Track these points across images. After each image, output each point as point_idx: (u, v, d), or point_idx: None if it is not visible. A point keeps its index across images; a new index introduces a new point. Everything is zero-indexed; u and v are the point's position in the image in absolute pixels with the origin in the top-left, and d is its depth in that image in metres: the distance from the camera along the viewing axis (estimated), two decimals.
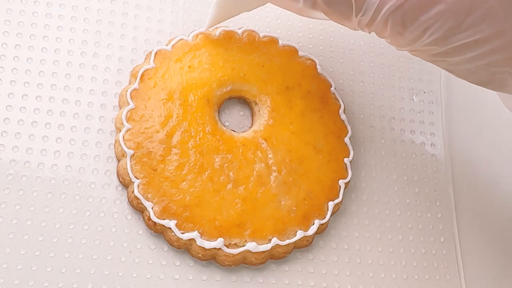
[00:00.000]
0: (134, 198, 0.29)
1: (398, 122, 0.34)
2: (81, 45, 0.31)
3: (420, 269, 0.32)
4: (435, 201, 0.34)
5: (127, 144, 0.29)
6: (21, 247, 0.27)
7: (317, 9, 0.24)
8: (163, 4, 0.33)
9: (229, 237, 0.28)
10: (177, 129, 0.29)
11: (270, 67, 0.32)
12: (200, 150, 0.29)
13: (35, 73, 0.30)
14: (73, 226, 0.28)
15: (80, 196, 0.29)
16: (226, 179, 0.29)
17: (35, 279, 0.27)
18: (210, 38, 0.32)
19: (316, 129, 0.31)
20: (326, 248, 0.31)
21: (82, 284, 0.27)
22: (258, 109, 0.32)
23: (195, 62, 0.31)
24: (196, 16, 0.33)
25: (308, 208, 0.30)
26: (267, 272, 0.30)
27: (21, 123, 0.29)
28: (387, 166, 0.33)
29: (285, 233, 0.29)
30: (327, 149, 0.31)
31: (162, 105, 0.30)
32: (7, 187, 0.28)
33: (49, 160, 0.29)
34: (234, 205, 0.29)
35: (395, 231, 0.32)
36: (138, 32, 0.32)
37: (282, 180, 0.30)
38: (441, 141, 0.35)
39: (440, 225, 0.33)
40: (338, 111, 0.32)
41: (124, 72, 0.31)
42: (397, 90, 0.35)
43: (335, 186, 0.31)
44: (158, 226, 0.28)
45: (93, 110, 0.30)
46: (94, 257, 0.28)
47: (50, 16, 0.31)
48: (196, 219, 0.28)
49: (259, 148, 0.30)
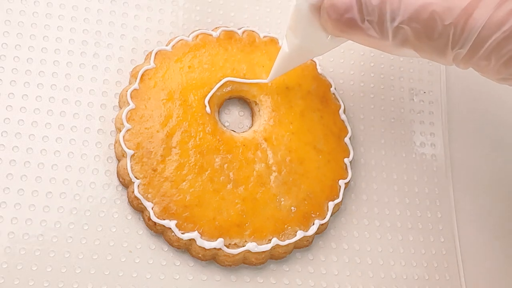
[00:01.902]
0: (134, 198, 0.29)
1: (398, 122, 0.34)
2: (81, 45, 0.31)
3: (420, 269, 0.32)
4: (435, 201, 0.34)
5: (127, 144, 0.29)
6: (21, 247, 0.27)
7: (407, 46, 0.23)
8: (163, 4, 0.33)
9: (229, 237, 0.28)
10: (177, 129, 0.29)
11: (270, 67, 0.31)
12: (200, 150, 0.29)
13: (35, 73, 0.30)
14: (73, 226, 0.28)
15: (80, 196, 0.29)
16: (226, 179, 0.29)
17: (35, 279, 0.27)
18: (210, 38, 0.32)
19: (316, 129, 0.31)
20: (326, 248, 0.31)
21: (82, 284, 0.27)
22: (258, 109, 0.32)
23: (195, 62, 0.31)
24: (196, 16, 0.33)
25: (308, 208, 0.30)
26: (267, 272, 0.30)
27: (21, 123, 0.29)
28: (387, 166, 0.33)
29: (285, 233, 0.29)
30: (327, 149, 0.31)
31: (162, 105, 0.30)
32: (7, 187, 0.28)
33: (49, 160, 0.29)
34: (234, 205, 0.29)
35: (394, 231, 0.32)
36: (138, 32, 0.32)
37: (282, 180, 0.30)
38: (441, 141, 0.35)
39: (440, 225, 0.33)
40: (338, 111, 0.32)
41: (124, 72, 0.31)
42: (397, 90, 0.35)
43: (335, 186, 0.31)
44: (158, 226, 0.28)
45: (93, 110, 0.30)
46: (94, 257, 0.28)
47: (50, 16, 0.31)
48: (196, 219, 0.28)
49: (259, 148, 0.30)
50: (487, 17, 0.21)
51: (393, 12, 0.22)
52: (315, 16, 0.25)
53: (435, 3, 0.21)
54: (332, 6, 0.24)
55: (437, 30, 0.22)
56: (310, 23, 0.26)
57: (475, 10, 0.21)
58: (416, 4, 0.22)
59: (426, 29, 0.22)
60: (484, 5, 0.21)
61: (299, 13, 0.26)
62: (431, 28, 0.22)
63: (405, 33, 0.22)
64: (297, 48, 0.28)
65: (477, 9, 0.21)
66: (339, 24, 0.24)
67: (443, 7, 0.21)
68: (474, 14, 0.21)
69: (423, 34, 0.22)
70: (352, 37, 0.24)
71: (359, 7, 0.23)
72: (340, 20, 0.24)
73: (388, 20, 0.22)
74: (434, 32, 0.22)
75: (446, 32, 0.21)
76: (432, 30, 0.22)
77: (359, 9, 0.23)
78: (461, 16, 0.21)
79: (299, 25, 0.26)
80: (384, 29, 0.23)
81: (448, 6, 0.21)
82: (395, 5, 0.22)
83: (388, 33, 0.23)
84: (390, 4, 0.22)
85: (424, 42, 0.22)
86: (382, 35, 0.23)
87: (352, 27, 0.24)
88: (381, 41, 0.24)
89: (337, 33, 0.25)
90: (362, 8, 0.23)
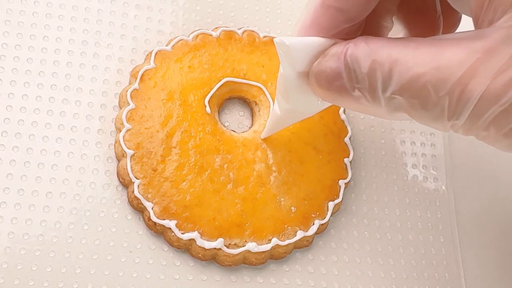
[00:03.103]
0: (134, 198, 0.29)
1: (398, 122, 0.34)
2: (81, 45, 0.31)
3: (420, 268, 0.32)
4: (435, 200, 0.34)
5: (127, 144, 0.29)
6: (21, 247, 0.27)
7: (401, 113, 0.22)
8: (163, 4, 0.33)
9: (229, 237, 0.28)
10: (177, 129, 0.29)
11: (270, 67, 0.32)
12: (200, 150, 0.29)
13: (35, 73, 0.30)
14: (73, 226, 0.28)
15: (80, 196, 0.29)
16: (226, 179, 0.29)
17: (35, 279, 0.27)
18: (210, 38, 0.32)
19: (316, 129, 0.31)
20: (326, 248, 0.31)
21: (82, 284, 0.27)
22: (258, 109, 0.32)
23: (195, 62, 0.31)
24: (196, 16, 0.33)
25: (308, 208, 0.30)
26: (267, 272, 0.30)
27: (21, 123, 0.29)
28: (387, 166, 0.33)
29: (285, 233, 0.29)
30: (327, 149, 0.31)
31: (162, 105, 0.30)
32: (7, 187, 0.28)
33: (49, 160, 0.29)
34: (234, 205, 0.29)
35: (394, 231, 0.32)
36: (138, 32, 0.32)
37: (282, 180, 0.30)
38: (441, 141, 0.35)
39: (439, 225, 0.33)
40: (338, 111, 0.32)
41: (124, 72, 0.31)
42: None
43: (335, 186, 0.31)
44: (158, 226, 0.28)
45: (93, 110, 0.30)
46: (94, 257, 0.28)
47: (50, 16, 0.31)
48: (196, 219, 0.28)
49: (259, 148, 0.30)
50: (484, 89, 0.19)
51: (385, 81, 0.21)
52: (304, 82, 0.24)
53: (429, 73, 0.20)
54: (320, 73, 0.22)
55: (431, 101, 0.20)
56: (299, 89, 0.24)
57: (470, 81, 0.19)
58: (408, 74, 0.20)
59: (420, 100, 0.21)
60: (480, 75, 0.19)
61: (287, 80, 0.24)
62: (425, 99, 0.20)
63: (399, 102, 0.21)
64: (289, 112, 0.27)
65: (473, 79, 0.19)
66: (328, 91, 0.23)
67: (437, 77, 0.20)
68: (469, 85, 0.19)
69: (417, 104, 0.21)
70: (343, 104, 0.23)
71: (348, 74, 0.22)
72: (329, 88, 0.22)
73: (380, 89, 0.21)
74: (428, 103, 0.20)
75: (441, 103, 0.20)
76: (426, 100, 0.20)
77: (348, 77, 0.22)
78: (456, 87, 0.20)
79: (289, 91, 0.25)
80: (376, 97, 0.22)
81: (442, 76, 0.20)
82: (385, 74, 0.21)
83: (380, 101, 0.22)
84: (381, 73, 0.21)
85: (419, 112, 0.21)
86: (374, 103, 0.22)
87: (342, 95, 0.22)
88: (374, 108, 0.22)
89: (328, 100, 0.23)
90: (351, 76, 0.22)
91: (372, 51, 0.21)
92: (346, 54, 0.22)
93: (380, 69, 0.21)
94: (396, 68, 0.20)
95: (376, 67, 0.21)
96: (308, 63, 0.23)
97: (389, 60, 0.21)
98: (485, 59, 0.19)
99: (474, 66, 0.19)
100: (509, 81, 0.19)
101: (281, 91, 0.26)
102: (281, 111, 0.27)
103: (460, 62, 0.20)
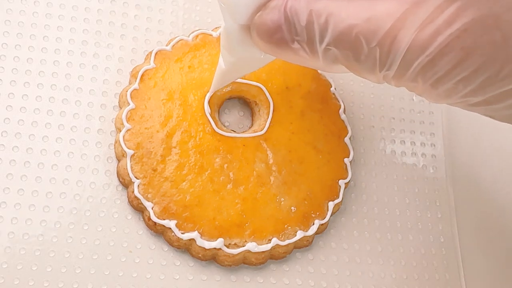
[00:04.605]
0: (134, 198, 0.29)
1: (398, 122, 0.34)
2: (81, 45, 0.31)
3: (420, 268, 0.32)
4: (435, 201, 0.34)
5: (127, 144, 0.29)
6: (21, 247, 0.27)
7: (338, 64, 0.22)
8: (163, 4, 0.33)
9: (229, 237, 0.28)
10: (177, 129, 0.29)
11: (270, 67, 0.31)
12: (200, 150, 0.29)
13: (35, 73, 0.30)
14: (73, 226, 0.28)
15: (80, 196, 0.29)
16: (226, 179, 0.29)
17: (35, 279, 0.27)
18: (210, 38, 0.32)
19: (316, 129, 0.31)
20: (326, 248, 0.31)
21: (82, 284, 0.27)
22: (258, 109, 0.32)
23: (195, 62, 0.31)
24: (196, 16, 0.33)
25: (308, 208, 0.30)
26: (267, 272, 0.30)
27: (21, 123, 0.29)
28: (387, 166, 0.33)
29: (285, 233, 0.29)
30: (327, 149, 0.31)
31: (162, 105, 0.30)
32: (7, 187, 0.28)
33: (49, 160, 0.29)
34: (234, 205, 0.29)
35: (394, 231, 0.32)
36: (138, 32, 0.32)
37: (282, 180, 0.30)
38: (441, 141, 0.35)
39: (439, 225, 0.33)
40: (338, 111, 0.32)
41: (124, 72, 0.31)
42: (397, 90, 0.35)
43: (335, 186, 0.31)
44: (158, 226, 0.28)
45: (93, 110, 0.30)
46: (94, 257, 0.28)
47: (50, 16, 0.31)
48: (196, 219, 0.28)
49: (259, 148, 0.30)
50: (411, 40, 0.20)
51: (321, 33, 0.21)
52: (246, 35, 0.24)
53: (360, 25, 0.20)
54: (261, 26, 0.23)
55: (363, 52, 0.21)
56: (242, 42, 0.24)
57: (399, 32, 0.20)
58: (341, 26, 0.21)
59: (353, 51, 0.21)
60: (407, 27, 0.20)
61: (230, 33, 0.25)
62: (357, 50, 0.21)
63: (334, 54, 0.22)
64: (233, 65, 0.27)
65: (401, 30, 0.20)
66: (269, 44, 0.23)
67: (368, 28, 0.20)
68: (398, 36, 0.20)
69: (351, 56, 0.21)
70: (284, 56, 0.24)
71: (287, 27, 0.22)
72: (270, 40, 0.23)
73: (317, 41, 0.22)
74: (361, 54, 0.21)
75: (372, 54, 0.21)
76: (359, 52, 0.21)
77: (288, 29, 0.22)
78: (386, 39, 0.20)
79: (232, 45, 0.25)
80: (314, 50, 0.22)
81: (373, 28, 0.20)
82: (322, 26, 0.21)
83: (318, 54, 0.22)
84: (318, 25, 0.21)
85: (353, 63, 0.22)
86: (313, 55, 0.23)
87: (282, 47, 0.23)
88: (312, 61, 0.23)
89: (269, 52, 0.24)
90: (291, 28, 0.22)
91: (310, 4, 0.22)
92: (286, 6, 0.22)
93: (317, 21, 0.21)
94: (331, 20, 0.21)
95: (313, 19, 0.21)
96: (250, 16, 0.23)
97: (326, 12, 0.21)
98: (412, 10, 0.20)
99: (403, 18, 0.20)
100: (435, 31, 0.20)
101: (224, 45, 0.26)
102: (225, 65, 0.27)
103: (390, 13, 0.20)
